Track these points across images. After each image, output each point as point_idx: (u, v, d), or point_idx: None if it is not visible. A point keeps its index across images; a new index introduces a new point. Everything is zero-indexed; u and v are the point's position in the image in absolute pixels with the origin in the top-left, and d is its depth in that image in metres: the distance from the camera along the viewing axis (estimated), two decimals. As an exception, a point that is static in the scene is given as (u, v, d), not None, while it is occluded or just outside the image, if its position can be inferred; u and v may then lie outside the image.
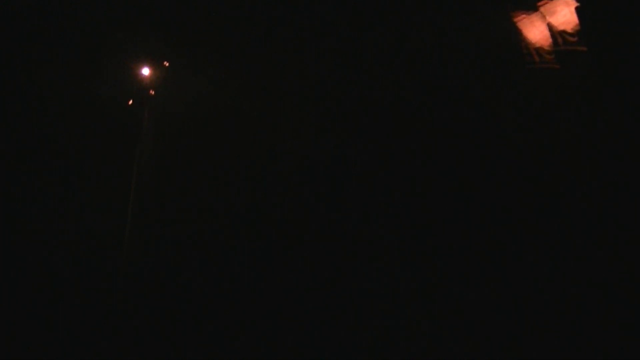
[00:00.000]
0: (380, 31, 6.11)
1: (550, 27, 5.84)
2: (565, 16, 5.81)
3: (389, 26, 6.11)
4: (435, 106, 5.91)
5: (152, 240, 5.54)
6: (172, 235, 5.62)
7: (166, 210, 5.67)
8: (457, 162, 5.74)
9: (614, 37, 5.54)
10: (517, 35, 5.89)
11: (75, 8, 5.89)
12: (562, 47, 5.75)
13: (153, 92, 5.80)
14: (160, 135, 5.78)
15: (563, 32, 5.79)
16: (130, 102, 5.79)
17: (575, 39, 5.74)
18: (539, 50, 5.81)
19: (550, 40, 5.81)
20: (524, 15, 5.91)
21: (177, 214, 5.68)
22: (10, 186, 5.53)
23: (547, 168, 5.49)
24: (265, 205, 5.72)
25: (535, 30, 5.86)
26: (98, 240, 5.45)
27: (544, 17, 5.86)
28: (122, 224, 5.41)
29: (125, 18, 5.90)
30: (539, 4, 5.89)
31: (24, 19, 5.84)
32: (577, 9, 5.77)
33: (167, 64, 5.85)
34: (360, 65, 6.09)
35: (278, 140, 5.84)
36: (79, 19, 5.91)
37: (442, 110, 5.89)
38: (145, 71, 5.77)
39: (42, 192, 5.59)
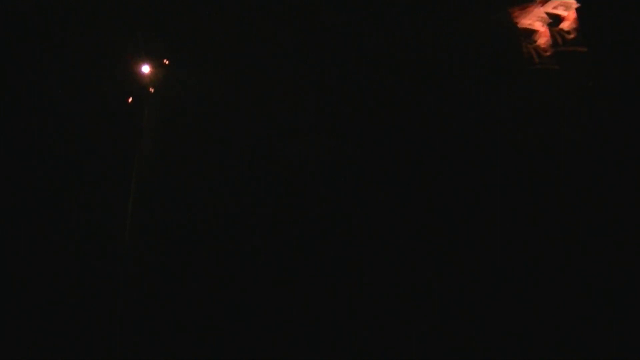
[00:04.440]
0: (378, 31, 6.10)
1: (550, 27, 5.86)
2: (565, 17, 5.82)
3: (387, 26, 6.10)
4: (433, 107, 5.91)
5: (152, 240, 5.52)
6: (173, 234, 5.60)
7: (167, 209, 5.64)
8: (455, 163, 5.75)
9: (614, 37, 5.57)
10: (516, 35, 5.90)
11: (73, 5, 5.83)
12: (562, 48, 5.77)
13: (152, 90, 5.76)
14: (160, 133, 5.75)
15: (563, 32, 5.81)
16: (130, 100, 5.75)
17: (575, 39, 5.76)
18: (538, 50, 5.83)
19: (550, 40, 5.82)
20: (523, 15, 5.92)
21: (177, 212, 5.66)
22: (9, 185, 5.48)
23: (547, 169, 5.51)
24: (266, 204, 5.71)
25: (535, 31, 5.88)
26: (98, 240, 5.42)
27: (543, 17, 5.88)
28: (122, 223, 5.38)
29: (124, 16, 5.85)
30: (539, 3, 5.90)
31: (21, 16, 5.78)
32: (577, 9, 5.79)
33: (167, 62, 5.81)
34: (358, 65, 6.08)
35: (280, 138, 5.83)
36: (77, 17, 5.86)
37: (441, 110, 5.89)
38: (145, 69, 5.73)
39: (40, 192, 5.54)
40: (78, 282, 5.32)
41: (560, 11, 5.84)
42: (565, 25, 5.78)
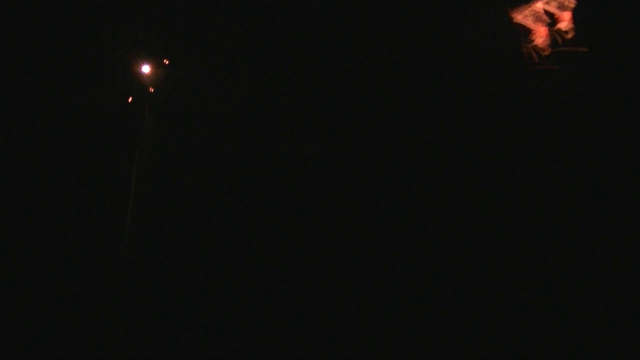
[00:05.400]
0: (379, 31, 6.10)
1: (550, 28, 5.86)
2: (565, 16, 5.82)
3: (387, 26, 6.11)
4: (433, 107, 5.91)
5: (152, 240, 5.52)
6: (173, 235, 5.60)
7: (166, 210, 5.65)
8: (455, 163, 5.75)
9: (614, 37, 5.56)
10: (516, 35, 5.90)
11: (73, 6, 5.84)
12: (561, 48, 5.77)
13: (153, 90, 5.77)
14: (161, 133, 5.76)
15: (562, 33, 5.81)
16: (130, 100, 5.77)
17: (575, 39, 5.76)
18: (538, 50, 5.82)
19: (548, 40, 5.82)
20: (523, 15, 5.92)
21: (177, 213, 5.66)
22: (9, 186, 5.49)
23: (547, 169, 5.51)
24: (266, 205, 5.72)
25: (534, 31, 5.87)
26: (98, 240, 5.43)
27: (543, 17, 5.87)
28: (122, 222, 5.39)
29: (124, 15, 5.86)
30: (539, 4, 5.89)
31: (21, 16, 5.80)
32: (576, 9, 5.79)
33: (167, 62, 5.82)
34: (359, 65, 6.08)
35: (280, 139, 5.84)
36: (77, 17, 5.87)
37: (441, 111, 5.89)
38: (145, 69, 5.74)
39: (40, 191, 5.55)
40: (78, 282, 5.33)
41: (557, 11, 5.84)
42: (562, 26, 5.78)
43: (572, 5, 5.75)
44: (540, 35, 5.80)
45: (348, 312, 5.35)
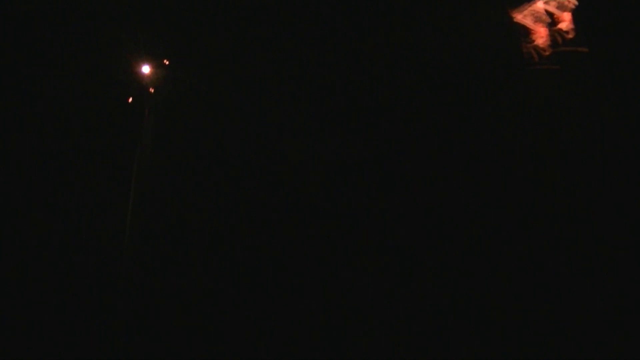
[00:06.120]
0: (380, 31, 6.10)
1: (551, 28, 5.86)
2: (565, 17, 5.82)
3: (389, 26, 6.11)
4: (434, 106, 5.91)
5: (152, 240, 5.52)
6: (172, 235, 5.60)
7: (166, 210, 5.65)
8: (456, 162, 5.75)
9: (614, 37, 5.56)
10: (517, 35, 5.90)
11: (74, 6, 5.85)
12: (562, 48, 5.77)
13: (153, 90, 5.77)
14: (160, 133, 5.76)
15: (563, 33, 5.81)
16: (130, 100, 5.76)
17: (575, 39, 5.76)
18: (538, 50, 5.82)
19: (549, 40, 5.82)
20: (523, 15, 5.92)
21: (177, 211, 5.67)
22: (10, 186, 5.49)
23: (547, 168, 5.51)
24: (265, 204, 5.71)
25: (534, 31, 5.88)
26: (98, 240, 5.43)
27: (544, 17, 5.88)
28: (122, 223, 5.39)
29: (125, 16, 5.86)
30: (539, 4, 5.89)
31: (22, 16, 5.80)
32: (577, 9, 5.79)
33: (167, 62, 5.82)
34: (360, 65, 6.08)
35: (279, 139, 5.84)
36: (78, 17, 5.88)
37: (442, 110, 5.89)
38: (146, 69, 5.74)
39: (40, 191, 5.55)
40: (77, 281, 5.34)
41: (556, 11, 5.84)
42: (562, 26, 5.78)
43: (572, 6, 5.75)
44: (541, 35, 5.80)
45: (348, 312, 5.35)
